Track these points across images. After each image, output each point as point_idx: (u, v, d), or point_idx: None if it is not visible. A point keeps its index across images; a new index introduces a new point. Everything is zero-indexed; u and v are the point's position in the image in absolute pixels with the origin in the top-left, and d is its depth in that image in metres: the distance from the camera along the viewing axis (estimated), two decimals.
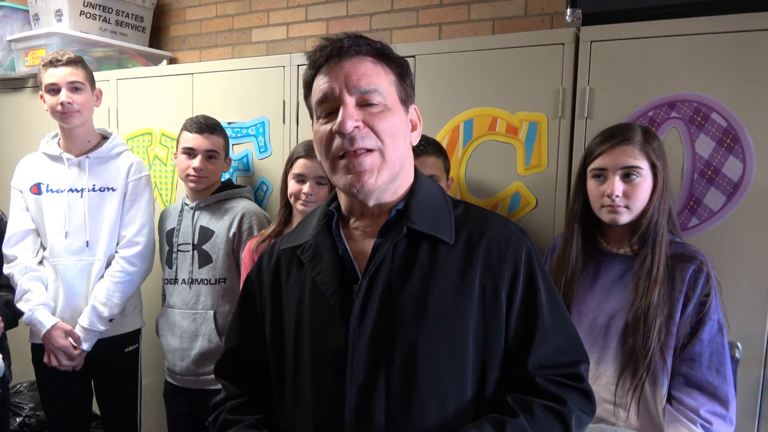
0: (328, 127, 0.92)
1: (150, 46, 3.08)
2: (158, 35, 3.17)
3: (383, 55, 0.95)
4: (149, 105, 2.49)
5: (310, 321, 0.95)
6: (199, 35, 3.06)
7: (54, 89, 1.94)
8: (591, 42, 1.66)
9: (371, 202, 0.95)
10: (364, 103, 0.91)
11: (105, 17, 2.82)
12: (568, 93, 1.70)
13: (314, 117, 0.97)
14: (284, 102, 2.17)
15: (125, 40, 2.91)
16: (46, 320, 1.92)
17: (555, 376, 0.94)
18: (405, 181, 0.99)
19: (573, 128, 1.71)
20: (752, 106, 1.50)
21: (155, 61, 2.97)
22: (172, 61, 3.09)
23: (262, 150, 2.25)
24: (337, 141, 0.90)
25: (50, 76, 1.94)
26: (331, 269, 0.95)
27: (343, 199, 1.02)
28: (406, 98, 0.98)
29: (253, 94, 2.25)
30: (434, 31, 2.44)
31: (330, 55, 0.92)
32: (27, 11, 2.84)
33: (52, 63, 1.94)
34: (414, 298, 0.91)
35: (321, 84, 0.93)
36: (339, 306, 0.92)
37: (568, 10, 1.71)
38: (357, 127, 0.89)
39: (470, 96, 1.84)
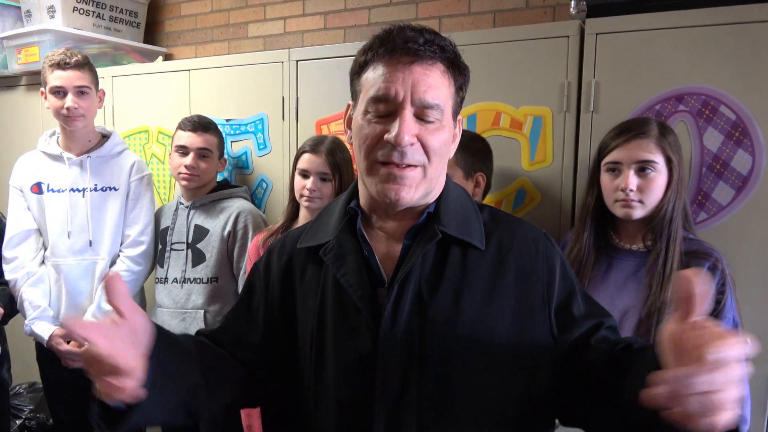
0: (378, 128, 0.86)
1: (145, 42, 3.04)
2: (153, 31, 3.13)
3: (453, 63, 0.89)
4: (146, 102, 2.46)
5: (333, 323, 0.92)
6: (195, 30, 3.02)
7: (60, 92, 1.91)
8: (596, 34, 1.63)
9: (398, 210, 0.92)
10: (421, 116, 0.86)
11: (98, 13, 2.78)
12: (573, 87, 1.67)
13: (359, 106, 0.90)
14: (283, 98, 2.14)
15: (120, 37, 2.87)
16: (44, 332, 1.93)
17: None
18: (437, 192, 0.95)
19: (578, 122, 1.68)
20: (762, 99, 1.47)
21: (150, 57, 2.93)
22: (167, 57, 3.05)
23: (261, 147, 2.22)
24: (386, 150, 0.85)
25: (57, 78, 1.90)
26: (358, 271, 0.91)
27: (365, 195, 0.97)
28: (458, 111, 0.94)
29: (252, 90, 2.21)
30: (434, 24, 2.41)
31: (402, 51, 0.85)
32: (19, 8, 2.79)
33: (60, 65, 1.89)
34: (446, 305, 0.88)
35: (382, 80, 0.86)
36: (369, 309, 0.89)
37: (573, 1, 1.69)
38: (411, 143, 0.85)
39: (473, 90, 1.78)
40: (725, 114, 1.51)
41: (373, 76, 0.87)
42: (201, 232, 1.98)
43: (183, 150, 1.95)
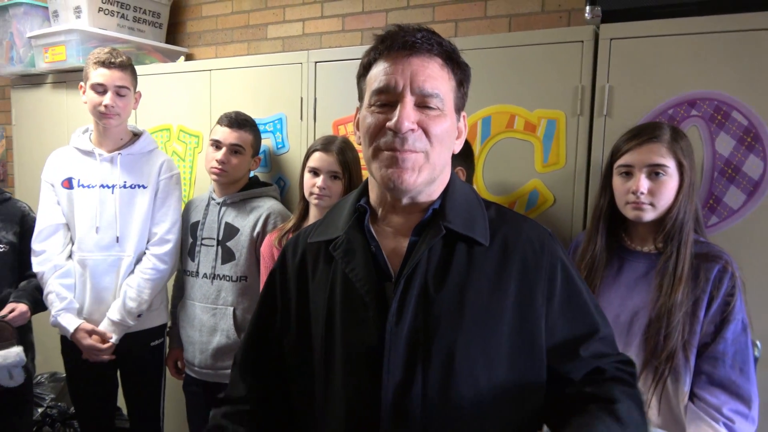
0: (381, 117, 0.90)
1: (167, 42, 3.10)
2: (175, 31, 3.20)
3: (451, 58, 0.93)
4: (167, 101, 2.52)
5: (342, 316, 0.95)
6: (215, 31, 3.08)
7: (100, 89, 1.97)
8: (611, 39, 1.66)
9: (404, 200, 0.95)
10: (422, 105, 0.90)
11: (123, 14, 2.85)
12: (587, 91, 1.70)
13: (364, 101, 0.95)
14: (302, 99, 2.19)
15: (142, 37, 2.93)
16: (69, 325, 1.97)
17: (616, 363, 0.96)
18: (441, 185, 0.98)
19: (591, 126, 1.71)
20: None
21: (172, 57, 2.99)
22: (188, 57, 3.12)
23: (279, 146, 2.27)
24: (388, 137, 0.89)
25: (100, 75, 1.95)
26: (365, 267, 0.94)
27: (374, 192, 1.01)
28: (461, 106, 0.98)
29: (271, 90, 2.27)
30: (450, 28, 2.45)
31: (401, 45, 0.90)
32: (46, 8, 2.87)
33: (105, 63, 1.95)
34: (451, 300, 0.91)
35: (383, 73, 0.91)
36: (375, 304, 0.92)
37: (588, 7, 1.71)
38: (412, 129, 0.88)
39: (488, 93, 1.85)
40: (737, 119, 1.53)
41: (376, 72, 0.93)
42: (231, 231, 2.03)
43: (217, 144, 2.01)
